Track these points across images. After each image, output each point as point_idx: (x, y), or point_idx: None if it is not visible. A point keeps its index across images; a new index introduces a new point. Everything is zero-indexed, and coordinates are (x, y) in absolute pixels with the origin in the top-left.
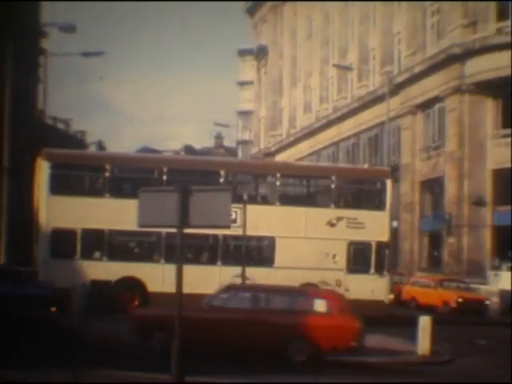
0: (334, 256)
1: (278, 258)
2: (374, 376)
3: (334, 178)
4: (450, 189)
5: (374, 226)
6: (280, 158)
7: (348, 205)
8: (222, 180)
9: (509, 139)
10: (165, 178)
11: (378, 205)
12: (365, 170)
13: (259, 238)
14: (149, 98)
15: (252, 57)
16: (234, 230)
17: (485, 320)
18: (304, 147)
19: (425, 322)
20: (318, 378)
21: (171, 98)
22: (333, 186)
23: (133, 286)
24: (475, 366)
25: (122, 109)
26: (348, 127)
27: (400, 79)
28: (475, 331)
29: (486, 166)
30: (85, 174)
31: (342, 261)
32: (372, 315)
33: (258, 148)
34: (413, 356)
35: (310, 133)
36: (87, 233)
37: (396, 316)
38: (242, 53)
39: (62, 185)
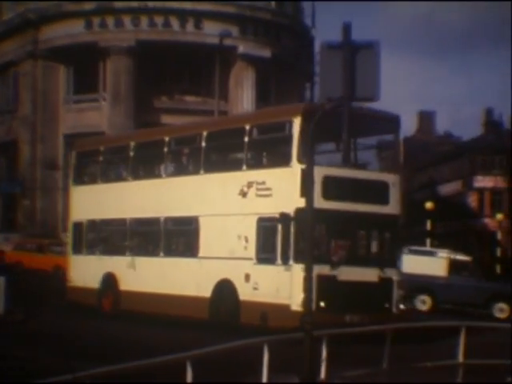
0: (246, 239)
1: (203, 246)
2: None
3: (247, 127)
4: (24, 152)
5: (281, 191)
6: None
7: (256, 164)
8: (165, 149)
9: (80, 105)
10: (132, 154)
11: (284, 159)
12: (273, 111)
13: (184, 219)
14: None
15: None
16: (176, 210)
17: None
18: None
19: None
20: None
21: None
22: (246, 138)
23: (110, 284)
24: (47, 324)
25: None
26: None
27: None
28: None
29: (59, 130)
30: (95, 160)
31: (251, 246)
32: (279, 327)
33: None
34: None
35: None
36: (90, 224)
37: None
38: None
39: (82, 174)
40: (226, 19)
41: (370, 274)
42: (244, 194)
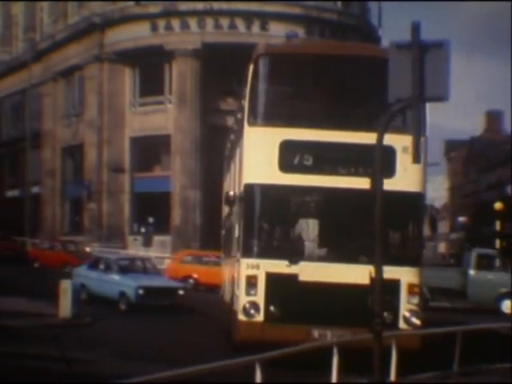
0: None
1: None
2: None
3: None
4: (90, 156)
5: (243, 164)
6: None
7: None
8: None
9: (145, 108)
10: None
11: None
12: None
13: None
14: None
15: None
16: None
17: None
18: None
19: (65, 285)
20: None
21: None
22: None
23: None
24: (114, 327)
25: None
26: None
27: (42, 46)
28: None
29: (125, 133)
30: None
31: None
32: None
33: None
34: (53, 319)
35: None
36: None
37: None
38: None
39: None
40: (292, 20)
41: (354, 274)
42: (240, 172)
